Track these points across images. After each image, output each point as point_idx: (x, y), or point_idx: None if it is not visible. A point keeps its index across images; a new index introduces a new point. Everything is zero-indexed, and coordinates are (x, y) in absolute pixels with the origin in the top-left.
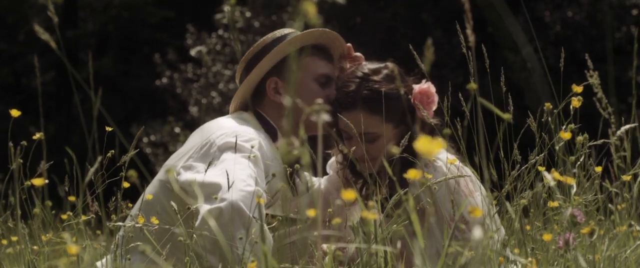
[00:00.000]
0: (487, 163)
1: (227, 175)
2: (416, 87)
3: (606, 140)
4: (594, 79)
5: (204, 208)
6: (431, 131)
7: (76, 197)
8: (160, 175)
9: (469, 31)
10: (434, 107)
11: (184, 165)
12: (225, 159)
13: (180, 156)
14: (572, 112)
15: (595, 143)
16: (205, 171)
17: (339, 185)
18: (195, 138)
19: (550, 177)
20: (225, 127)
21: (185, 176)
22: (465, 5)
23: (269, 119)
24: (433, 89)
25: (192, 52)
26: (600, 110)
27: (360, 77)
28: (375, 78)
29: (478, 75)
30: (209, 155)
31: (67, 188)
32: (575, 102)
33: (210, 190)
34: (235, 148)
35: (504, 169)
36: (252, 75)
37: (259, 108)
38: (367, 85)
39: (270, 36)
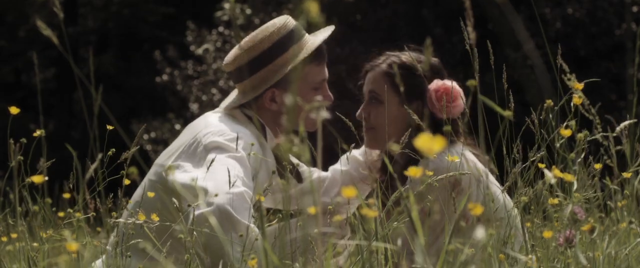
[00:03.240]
0: (488, 160)
1: (214, 177)
2: (440, 82)
3: (604, 133)
4: (572, 82)
5: (192, 214)
6: (434, 127)
7: (77, 194)
8: (150, 174)
9: (469, 29)
10: (457, 109)
11: (172, 165)
12: (211, 159)
13: (169, 154)
14: (573, 109)
15: (594, 137)
16: (192, 172)
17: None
18: (184, 136)
19: (551, 175)
20: (211, 125)
21: (174, 176)
22: (466, 3)
23: (260, 119)
24: (457, 91)
25: (199, 50)
26: (584, 113)
27: (397, 52)
28: (408, 56)
29: (479, 72)
30: (196, 155)
31: (71, 186)
32: (577, 100)
33: (197, 194)
34: (221, 147)
35: (506, 166)
36: (253, 86)
37: (250, 108)
38: (399, 56)
39: (276, 32)
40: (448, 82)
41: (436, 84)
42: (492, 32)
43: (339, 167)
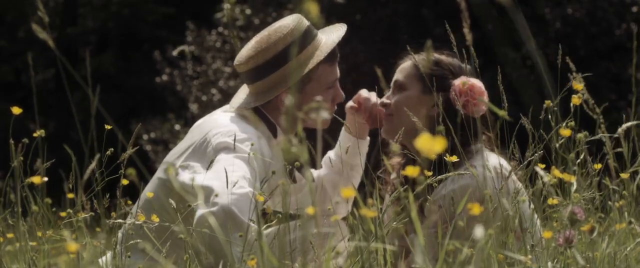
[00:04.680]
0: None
1: (220, 177)
2: (465, 78)
3: (604, 135)
4: (577, 81)
5: (197, 213)
6: (433, 125)
7: (75, 195)
8: (159, 172)
9: (466, 30)
10: (477, 109)
11: (181, 164)
12: (220, 160)
13: (178, 154)
14: (572, 110)
15: (593, 138)
16: (202, 172)
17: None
18: (194, 136)
19: (545, 175)
20: (221, 125)
21: (182, 176)
22: (462, 5)
23: (270, 118)
24: (482, 92)
25: (175, 52)
26: (588, 112)
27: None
28: (443, 56)
29: (479, 72)
30: (205, 155)
31: (70, 186)
32: (576, 100)
33: (204, 194)
34: (230, 148)
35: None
36: (268, 88)
37: (262, 108)
38: (433, 54)
39: (290, 33)
40: (475, 80)
41: (462, 79)
42: (491, 33)
43: (322, 172)
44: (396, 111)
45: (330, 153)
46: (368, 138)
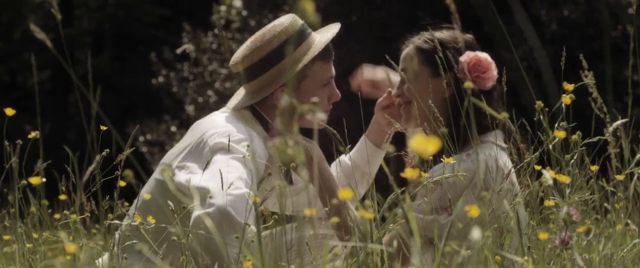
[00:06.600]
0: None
1: (216, 178)
2: (472, 53)
3: (601, 137)
4: (589, 79)
5: (193, 214)
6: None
7: (73, 196)
8: (156, 173)
9: (457, 32)
10: (488, 82)
11: (178, 165)
12: (216, 161)
13: (175, 155)
14: (564, 110)
15: (591, 140)
16: (198, 173)
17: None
18: (190, 137)
19: (548, 176)
20: (218, 126)
21: (179, 177)
22: (451, 7)
23: (267, 118)
24: (489, 63)
25: (178, 51)
26: (596, 110)
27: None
28: (440, 32)
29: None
30: (202, 156)
31: (64, 188)
32: (567, 100)
33: (200, 195)
34: (227, 149)
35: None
36: (262, 86)
37: (258, 106)
38: (431, 33)
39: (283, 31)
40: (480, 54)
41: (468, 55)
42: (487, 34)
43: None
44: (412, 98)
45: (343, 157)
46: (384, 151)
